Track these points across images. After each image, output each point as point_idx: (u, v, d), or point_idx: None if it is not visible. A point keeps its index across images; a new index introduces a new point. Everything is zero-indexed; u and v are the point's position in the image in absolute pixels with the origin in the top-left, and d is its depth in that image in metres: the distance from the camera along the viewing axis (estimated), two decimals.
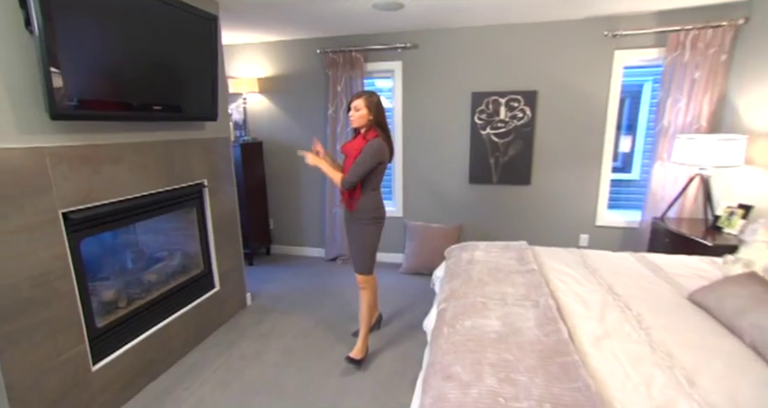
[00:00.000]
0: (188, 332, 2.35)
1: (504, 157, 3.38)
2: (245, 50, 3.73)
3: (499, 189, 3.45)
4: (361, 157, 2.01)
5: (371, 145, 2.01)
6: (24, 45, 1.46)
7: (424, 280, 3.37)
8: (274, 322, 2.71)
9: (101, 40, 1.64)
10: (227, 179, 2.68)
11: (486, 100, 3.31)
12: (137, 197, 1.97)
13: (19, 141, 1.47)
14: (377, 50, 3.42)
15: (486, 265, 2.01)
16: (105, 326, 1.87)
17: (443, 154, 3.51)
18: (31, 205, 1.50)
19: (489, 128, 3.36)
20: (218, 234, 2.60)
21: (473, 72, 3.30)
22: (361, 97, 2.06)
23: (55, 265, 1.60)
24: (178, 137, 2.24)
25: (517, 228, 3.46)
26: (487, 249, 2.27)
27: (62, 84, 1.49)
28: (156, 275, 2.29)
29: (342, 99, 3.50)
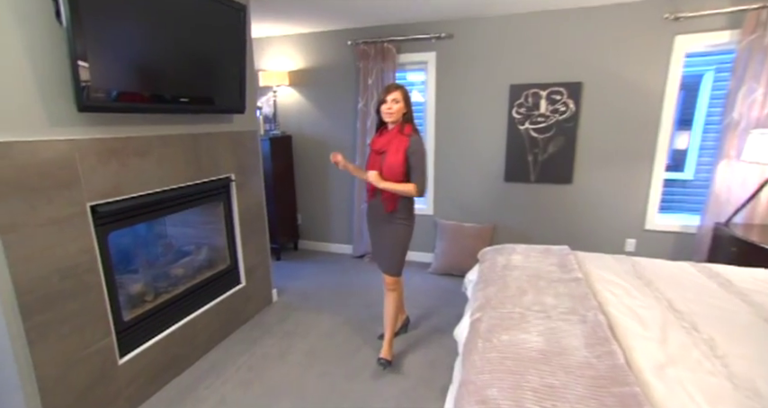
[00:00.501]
0: (213, 327, 2.34)
1: (544, 154, 3.16)
2: (276, 43, 3.69)
3: (537, 188, 3.23)
4: (419, 159, 1.94)
5: (420, 143, 1.96)
6: (54, 36, 1.44)
7: (453, 282, 3.22)
8: (299, 320, 2.66)
9: (128, 31, 1.60)
10: (255, 173, 2.64)
11: (525, 93, 3.10)
12: (164, 190, 1.95)
13: (49, 134, 1.46)
14: (410, 41, 3.28)
15: (524, 271, 1.85)
16: (132, 320, 1.86)
17: (478, 150, 3.33)
18: (59, 198, 1.50)
19: (528, 123, 3.15)
20: (245, 229, 2.57)
21: (512, 63, 3.09)
22: (399, 89, 1.95)
23: (83, 258, 1.59)
24: (206, 130, 2.20)
25: (556, 230, 3.24)
26: (526, 253, 2.10)
27: (90, 75, 1.46)
28: (182, 269, 2.29)
29: (372, 92, 3.39)
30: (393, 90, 1.95)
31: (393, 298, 2.14)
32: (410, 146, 1.94)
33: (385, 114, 1.96)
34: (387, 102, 1.94)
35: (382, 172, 1.96)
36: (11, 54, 1.34)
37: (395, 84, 1.98)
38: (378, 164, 2.00)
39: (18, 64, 1.36)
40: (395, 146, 1.95)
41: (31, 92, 1.40)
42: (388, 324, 2.15)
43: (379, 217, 2.09)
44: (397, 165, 1.94)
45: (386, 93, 1.95)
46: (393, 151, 1.95)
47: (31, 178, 1.41)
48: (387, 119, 1.98)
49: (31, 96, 1.41)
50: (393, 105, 1.93)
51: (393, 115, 1.94)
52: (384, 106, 1.95)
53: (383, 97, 1.95)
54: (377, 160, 2.01)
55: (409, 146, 1.94)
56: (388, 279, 2.11)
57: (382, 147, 2.00)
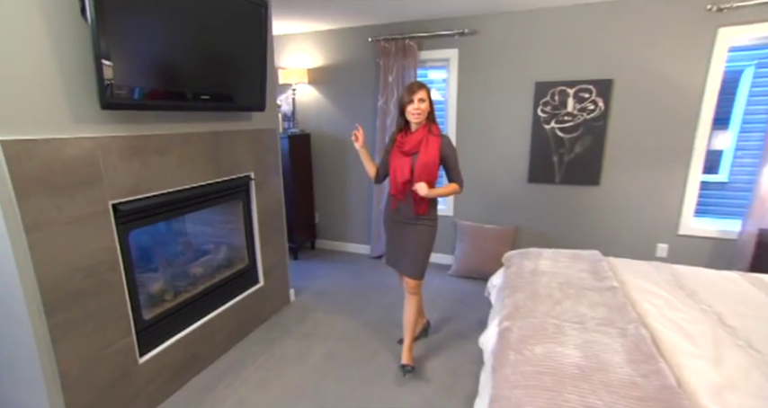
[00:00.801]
0: (231, 327, 2.32)
1: (570, 154, 3.04)
2: (295, 40, 3.66)
3: (562, 189, 3.12)
4: (455, 157, 1.98)
5: (451, 142, 1.97)
6: (79, 33, 1.43)
7: (474, 285, 3.14)
8: (317, 321, 2.62)
9: (151, 28, 1.58)
10: (274, 172, 2.61)
11: (551, 90, 2.99)
12: (184, 189, 1.94)
13: (73, 131, 1.45)
14: (432, 37, 3.20)
15: (554, 277, 1.76)
16: (152, 319, 1.85)
17: (500, 150, 3.23)
18: (82, 196, 1.48)
19: (554, 122, 3.03)
20: (264, 228, 2.55)
21: (538, 59, 2.98)
22: (423, 88, 1.89)
23: (104, 256, 1.58)
24: (226, 128, 2.18)
25: (581, 234, 3.12)
26: (554, 258, 2.01)
27: (113, 72, 1.45)
28: (201, 268, 2.27)
29: (393, 90, 3.33)
30: (418, 89, 1.88)
31: (414, 302, 2.08)
32: (444, 147, 1.93)
33: (413, 115, 1.89)
34: (414, 102, 1.87)
35: (415, 173, 1.91)
36: (37, 51, 1.33)
37: (418, 83, 1.91)
38: (407, 165, 1.94)
39: (44, 61, 1.35)
40: (427, 146, 1.91)
41: (56, 89, 1.39)
42: (409, 329, 2.09)
43: (405, 220, 2.04)
44: (432, 165, 1.91)
45: (411, 93, 1.88)
46: (426, 151, 1.90)
47: (55, 176, 1.40)
48: (414, 120, 1.91)
49: (57, 93, 1.40)
50: (420, 105, 1.87)
51: (421, 115, 1.89)
52: (411, 106, 1.88)
53: (410, 97, 1.88)
54: (405, 162, 1.95)
55: (443, 147, 1.93)
56: (411, 282, 2.05)
57: (413, 148, 1.93)
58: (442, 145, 1.92)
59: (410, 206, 1.98)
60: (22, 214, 1.31)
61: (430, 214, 2.02)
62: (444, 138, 1.93)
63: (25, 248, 1.33)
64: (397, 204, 2.03)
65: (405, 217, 2.03)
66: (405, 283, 2.09)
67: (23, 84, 1.30)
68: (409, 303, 2.09)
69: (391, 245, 2.15)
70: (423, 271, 2.06)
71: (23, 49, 1.30)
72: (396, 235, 2.10)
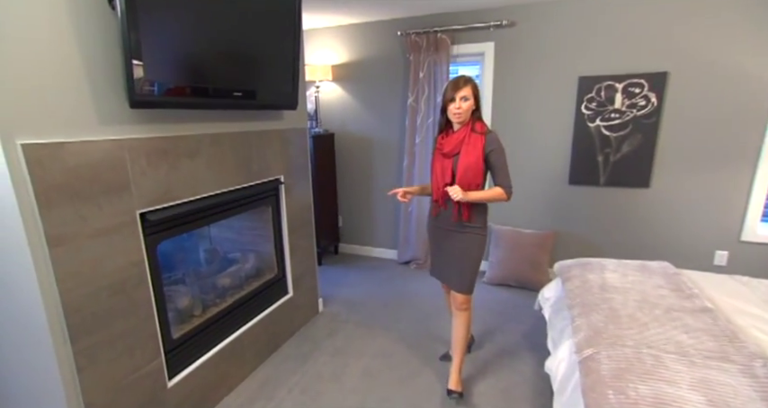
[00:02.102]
0: (261, 342, 2.16)
1: (617, 154, 2.82)
2: (319, 35, 3.49)
3: (607, 192, 2.90)
4: (501, 157, 1.75)
5: (498, 140, 1.74)
6: (106, 25, 1.27)
7: (513, 294, 2.95)
8: (349, 335, 2.45)
9: (182, 21, 1.42)
10: (304, 174, 2.45)
11: (597, 86, 2.77)
12: (215, 194, 1.78)
13: (99, 133, 1.30)
14: (466, 30, 3.00)
15: (628, 294, 1.57)
16: (181, 337, 1.70)
17: (539, 150, 3.03)
18: (109, 205, 1.33)
19: (599, 120, 2.82)
20: (293, 235, 2.38)
21: (582, 52, 2.77)
22: (469, 84, 1.69)
23: (132, 271, 1.43)
24: (256, 128, 2.02)
25: (629, 239, 2.90)
26: (620, 271, 1.81)
27: (143, 67, 1.29)
28: (229, 279, 2.12)
29: (423, 87, 3.14)
30: (463, 85, 1.68)
31: (464, 319, 1.89)
32: (488, 144, 1.72)
33: (454, 114, 1.72)
34: (455, 101, 1.69)
35: (457, 176, 1.74)
36: (61, 44, 1.18)
37: (465, 78, 1.71)
38: (448, 167, 1.77)
39: (68, 55, 1.20)
40: (469, 145, 1.73)
41: (81, 86, 1.24)
42: (458, 350, 1.90)
43: (448, 227, 1.85)
44: (475, 166, 1.72)
45: (455, 90, 1.68)
46: (468, 152, 1.72)
47: (81, 183, 1.24)
48: (456, 120, 1.74)
49: (82, 91, 1.25)
50: (462, 104, 1.69)
51: (462, 115, 1.71)
52: (453, 105, 1.70)
53: (452, 95, 1.69)
54: (446, 164, 1.78)
55: (487, 144, 1.72)
56: (460, 297, 1.86)
57: (454, 149, 1.76)
58: (485, 142, 1.72)
59: (451, 212, 1.81)
60: (45, 226, 1.16)
61: (476, 221, 1.83)
62: (490, 135, 1.74)
63: (48, 265, 1.18)
64: (438, 210, 1.86)
65: (447, 224, 1.85)
66: (452, 298, 1.91)
67: (46, 81, 1.15)
68: (458, 320, 1.90)
69: (434, 255, 1.98)
70: (471, 285, 1.87)
71: (46, 42, 1.14)
72: (439, 244, 1.92)
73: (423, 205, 3.28)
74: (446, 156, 1.78)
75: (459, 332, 1.90)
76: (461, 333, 1.89)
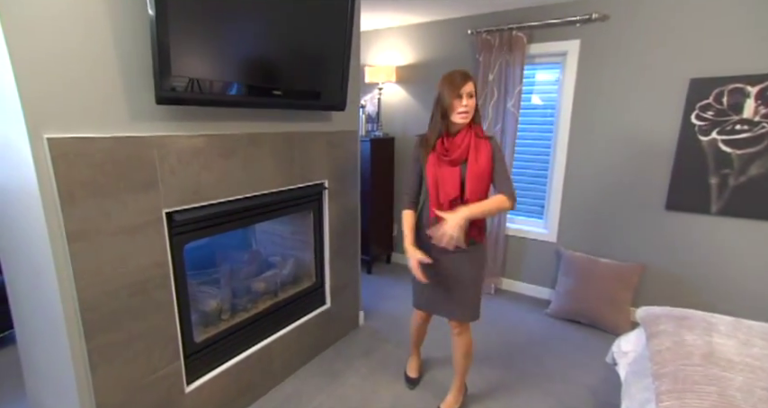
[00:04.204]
0: (291, 353, 2.06)
1: (741, 176, 2.24)
2: (384, 36, 3.37)
3: (721, 222, 2.32)
4: (504, 163, 1.58)
5: (499, 145, 1.60)
6: (140, 16, 1.25)
7: (581, 333, 2.50)
8: (386, 356, 2.25)
9: (218, 11, 1.35)
10: (352, 180, 2.31)
11: (716, 90, 2.23)
12: (251, 196, 1.71)
13: (130, 129, 1.28)
14: (546, 27, 2.64)
15: (753, 376, 1.14)
16: (204, 342, 1.65)
17: (627, 167, 2.54)
18: (134, 203, 1.30)
19: (717, 133, 2.26)
20: (335, 243, 2.25)
21: (696, 48, 2.25)
22: (472, 79, 1.51)
23: (155, 272, 1.40)
24: (300, 129, 1.93)
25: (748, 288, 2.29)
26: (738, 335, 1.36)
27: (173, 59, 1.24)
28: (264, 284, 2.05)
29: (492, 90, 2.84)
30: (464, 81, 1.49)
31: (469, 341, 1.75)
32: (495, 150, 1.57)
33: (461, 115, 1.51)
34: (462, 98, 1.49)
35: (467, 187, 1.55)
36: (97, 37, 1.17)
37: (462, 72, 1.51)
38: (456, 177, 1.56)
39: (104, 48, 1.19)
40: (477, 151, 1.54)
41: (115, 81, 1.22)
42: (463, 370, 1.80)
43: (466, 253, 1.64)
44: (486, 174, 1.55)
45: (458, 87, 1.48)
46: (477, 158, 1.54)
47: (107, 179, 1.23)
48: (462, 121, 1.52)
49: (116, 86, 1.23)
50: (470, 101, 1.50)
51: (469, 114, 1.52)
52: (458, 103, 1.50)
53: (456, 92, 1.48)
54: (454, 173, 1.56)
55: (494, 150, 1.56)
56: (464, 325, 1.71)
57: (462, 156, 1.55)
58: (492, 148, 1.56)
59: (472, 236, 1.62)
60: (66, 220, 1.14)
61: (480, 233, 1.65)
62: (493, 141, 1.58)
63: (67, 260, 1.17)
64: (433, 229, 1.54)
65: (466, 249, 1.61)
66: (451, 325, 1.73)
67: (77, 74, 1.14)
68: (462, 343, 1.74)
69: (432, 284, 1.66)
70: (479, 310, 1.70)
71: (79, 36, 1.13)
72: (436, 269, 1.64)
73: None
74: (453, 164, 1.56)
75: (458, 359, 1.77)
76: (461, 360, 1.77)
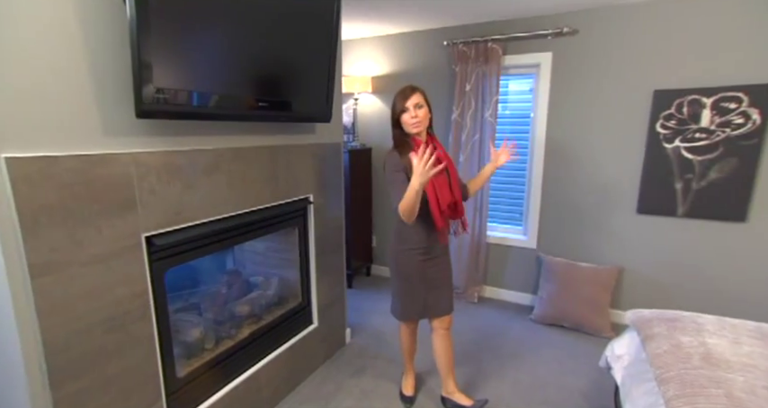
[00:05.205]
0: (279, 378, 1.94)
1: (702, 181, 2.39)
2: (360, 46, 3.34)
3: (687, 224, 2.46)
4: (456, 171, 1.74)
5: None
6: (116, 23, 1.13)
7: (567, 338, 2.55)
8: (379, 374, 2.17)
9: (201, 18, 1.26)
10: (336, 193, 2.24)
11: (677, 101, 2.37)
12: (235, 215, 1.59)
13: (103, 146, 1.15)
14: (520, 39, 2.72)
15: (750, 376, 1.18)
16: (188, 376, 1.50)
17: (601, 173, 2.65)
18: (110, 227, 1.17)
19: (680, 140, 2.41)
20: (321, 259, 2.16)
21: (659, 62, 2.39)
22: (417, 91, 1.61)
23: (133, 304, 1.25)
24: (285, 142, 1.84)
25: (715, 284, 2.44)
26: (727, 334, 1.42)
27: (153, 70, 1.13)
28: (248, 306, 1.92)
29: (470, 100, 2.87)
30: (411, 93, 1.59)
31: (451, 339, 1.83)
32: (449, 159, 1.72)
33: (411, 125, 1.60)
34: (409, 110, 1.59)
35: (454, 190, 1.67)
36: (62, 40, 1.03)
37: (411, 86, 1.62)
38: (446, 181, 1.65)
39: (75, 57, 1.06)
40: (447, 156, 1.69)
41: (86, 92, 1.09)
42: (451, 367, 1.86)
43: (437, 253, 1.73)
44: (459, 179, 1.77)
45: (404, 99, 1.59)
46: (451, 163, 1.71)
47: (78, 202, 1.09)
48: (414, 131, 1.61)
49: (87, 98, 1.10)
50: (418, 112, 1.58)
51: (421, 123, 1.60)
52: (407, 115, 1.59)
53: (402, 105, 1.59)
54: (443, 178, 1.65)
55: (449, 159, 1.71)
56: (448, 317, 1.79)
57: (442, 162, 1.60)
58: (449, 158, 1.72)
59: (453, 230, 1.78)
60: (28, 251, 0.99)
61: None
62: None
63: (29, 297, 1.01)
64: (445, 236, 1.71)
65: (440, 248, 1.74)
66: (438, 323, 1.78)
67: (44, 85, 1.01)
68: (446, 341, 1.81)
69: (420, 292, 1.74)
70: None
71: (40, 35, 1.00)
72: (426, 276, 1.72)
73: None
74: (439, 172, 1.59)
75: (450, 354, 1.83)
76: (452, 354, 1.84)
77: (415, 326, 1.89)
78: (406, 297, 1.75)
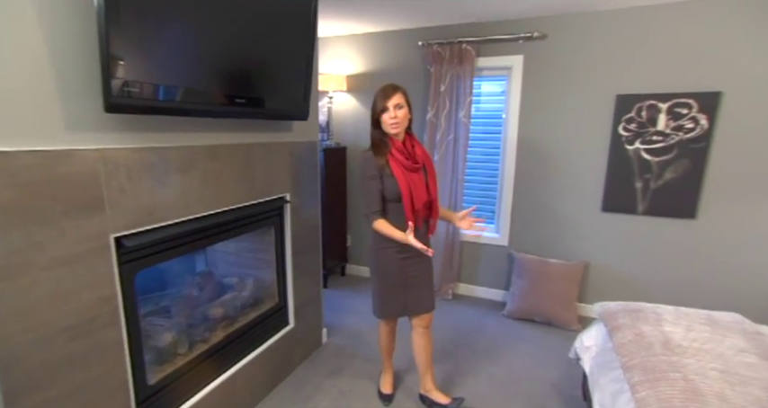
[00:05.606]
0: (255, 381, 1.89)
1: (658, 181, 2.55)
2: (334, 44, 3.31)
3: (646, 221, 2.62)
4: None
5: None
6: (81, 10, 1.06)
7: (538, 332, 2.64)
8: (356, 373, 2.17)
9: (174, 10, 1.20)
10: (313, 193, 2.21)
11: (637, 105, 2.52)
12: (210, 215, 1.54)
13: (66, 141, 1.07)
14: (493, 42, 2.79)
15: (703, 361, 1.28)
16: (159, 383, 1.44)
17: (569, 173, 2.76)
18: (74, 229, 1.09)
19: (639, 143, 2.56)
20: (298, 259, 2.13)
21: (621, 68, 2.53)
22: (399, 90, 1.60)
23: (101, 309, 1.18)
24: (261, 140, 1.79)
25: (671, 276, 2.61)
26: (682, 322, 1.52)
27: (124, 63, 1.07)
28: (223, 308, 1.86)
29: (444, 101, 2.92)
30: (393, 93, 1.58)
31: (431, 336, 1.86)
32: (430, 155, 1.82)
33: (390, 125, 1.60)
34: (389, 110, 1.58)
35: (431, 189, 1.68)
36: (19, 30, 0.96)
37: (393, 85, 1.61)
38: (423, 181, 1.67)
39: (32, 44, 0.98)
40: (427, 156, 1.71)
41: (45, 83, 1.02)
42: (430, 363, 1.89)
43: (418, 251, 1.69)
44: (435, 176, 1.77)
45: (385, 99, 1.58)
46: (430, 163, 1.72)
47: (38, 201, 1.01)
48: (393, 131, 1.61)
49: (47, 89, 1.02)
50: (397, 112, 1.59)
51: (400, 124, 1.61)
52: (386, 115, 1.59)
53: (383, 104, 1.58)
54: (419, 179, 1.65)
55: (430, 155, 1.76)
56: (429, 315, 1.81)
57: (421, 162, 1.67)
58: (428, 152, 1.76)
59: (425, 231, 1.75)
60: None
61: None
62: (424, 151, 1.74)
63: None
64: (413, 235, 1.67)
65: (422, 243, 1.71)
66: (419, 321, 1.80)
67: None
68: (426, 339, 1.83)
69: (400, 291, 1.74)
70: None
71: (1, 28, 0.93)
72: (406, 274, 1.73)
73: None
74: (418, 170, 1.65)
75: (429, 352, 1.86)
76: (431, 352, 1.87)
77: (395, 324, 1.91)
78: (385, 295, 1.76)
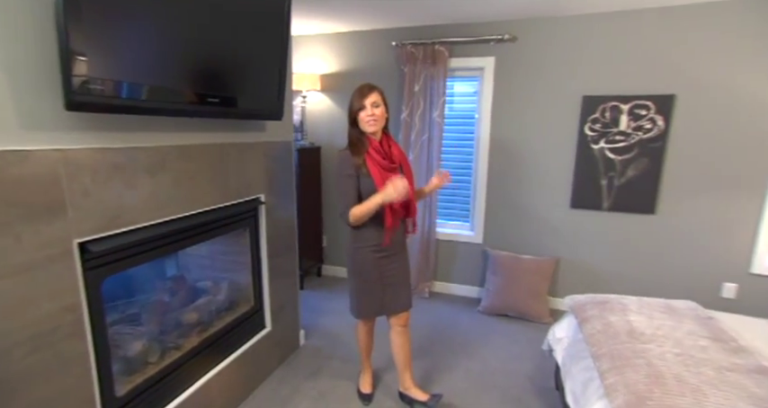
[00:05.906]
0: (232, 387, 1.84)
1: (621, 178, 2.68)
2: (308, 43, 3.27)
3: (611, 217, 2.75)
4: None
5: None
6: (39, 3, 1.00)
7: (512, 326, 2.72)
8: (335, 374, 2.16)
9: (140, 4, 1.16)
10: (288, 193, 2.18)
11: (601, 106, 2.64)
12: (181, 217, 1.49)
13: (21, 141, 1.01)
14: (465, 43, 2.85)
15: (664, 346, 1.36)
16: (129, 394, 1.38)
17: (539, 171, 2.86)
18: (32, 234, 1.03)
19: (603, 142, 2.68)
20: (274, 260, 2.09)
21: (586, 71, 2.64)
22: (375, 90, 1.63)
23: (64, 319, 1.12)
24: (235, 140, 1.75)
25: (633, 268, 2.75)
26: (644, 311, 1.61)
27: (86, 58, 1.02)
28: (196, 314, 1.80)
29: (419, 101, 2.95)
30: (369, 92, 1.61)
31: (409, 335, 1.88)
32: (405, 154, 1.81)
33: (367, 123, 1.61)
34: (366, 108, 1.60)
35: (410, 191, 1.68)
36: None
37: (369, 85, 1.64)
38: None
39: None
40: (403, 155, 1.77)
41: None
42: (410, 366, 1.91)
43: (395, 250, 1.75)
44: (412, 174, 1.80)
45: (362, 98, 1.61)
46: (406, 163, 1.77)
47: None
48: (370, 129, 1.63)
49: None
50: (375, 110, 1.61)
51: (378, 122, 1.63)
52: (364, 113, 1.61)
53: (360, 103, 1.61)
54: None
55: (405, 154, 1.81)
56: (406, 314, 1.82)
57: (399, 161, 1.72)
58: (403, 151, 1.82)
59: (403, 229, 1.79)
60: None
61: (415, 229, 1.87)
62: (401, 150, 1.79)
63: None
64: (390, 236, 1.69)
65: (396, 245, 1.75)
66: (396, 320, 1.82)
67: None
68: (404, 338, 1.85)
69: (380, 289, 1.75)
70: None
71: None
72: (383, 273, 1.74)
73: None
74: (395, 170, 1.68)
75: (407, 350, 1.87)
76: (409, 350, 1.88)
77: (373, 324, 1.91)
78: (363, 294, 1.76)
